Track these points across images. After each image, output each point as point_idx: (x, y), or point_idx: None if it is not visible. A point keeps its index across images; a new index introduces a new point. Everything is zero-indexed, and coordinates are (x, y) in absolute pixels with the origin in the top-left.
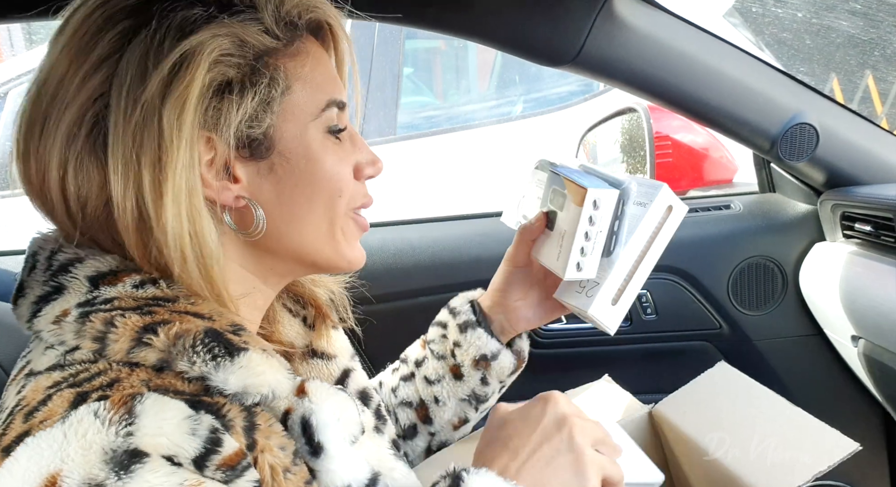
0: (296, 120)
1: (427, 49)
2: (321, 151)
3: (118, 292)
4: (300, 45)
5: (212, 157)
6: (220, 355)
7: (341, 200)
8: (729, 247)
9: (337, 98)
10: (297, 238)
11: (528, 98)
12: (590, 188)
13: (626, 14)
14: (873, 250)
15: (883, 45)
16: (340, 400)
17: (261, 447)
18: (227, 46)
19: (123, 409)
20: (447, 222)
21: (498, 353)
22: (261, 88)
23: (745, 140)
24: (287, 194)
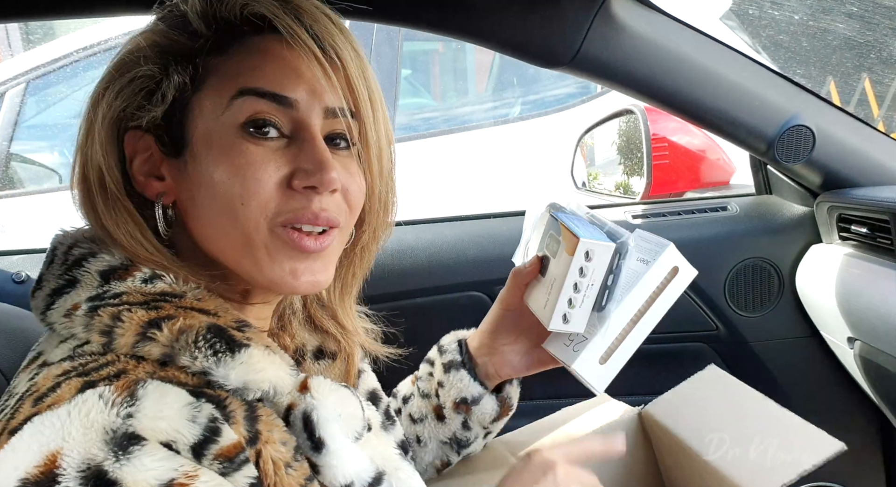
0: (207, 115)
1: (425, 51)
2: (226, 149)
3: (127, 287)
4: (241, 42)
5: (149, 154)
6: (221, 350)
7: (245, 208)
8: (726, 249)
9: (258, 87)
10: (217, 247)
11: (525, 100)
12: (582, 238)
13: (623, 16)
14: (869, 252)
15: (879, 48)
16: (343, 396)
17: (265, 439)
18: (134, 47)
19: (126, 392)
20: (445, 223)
21: (479, 398)
22: (169, 86)
23: (741, 142)
24: (199, 196)
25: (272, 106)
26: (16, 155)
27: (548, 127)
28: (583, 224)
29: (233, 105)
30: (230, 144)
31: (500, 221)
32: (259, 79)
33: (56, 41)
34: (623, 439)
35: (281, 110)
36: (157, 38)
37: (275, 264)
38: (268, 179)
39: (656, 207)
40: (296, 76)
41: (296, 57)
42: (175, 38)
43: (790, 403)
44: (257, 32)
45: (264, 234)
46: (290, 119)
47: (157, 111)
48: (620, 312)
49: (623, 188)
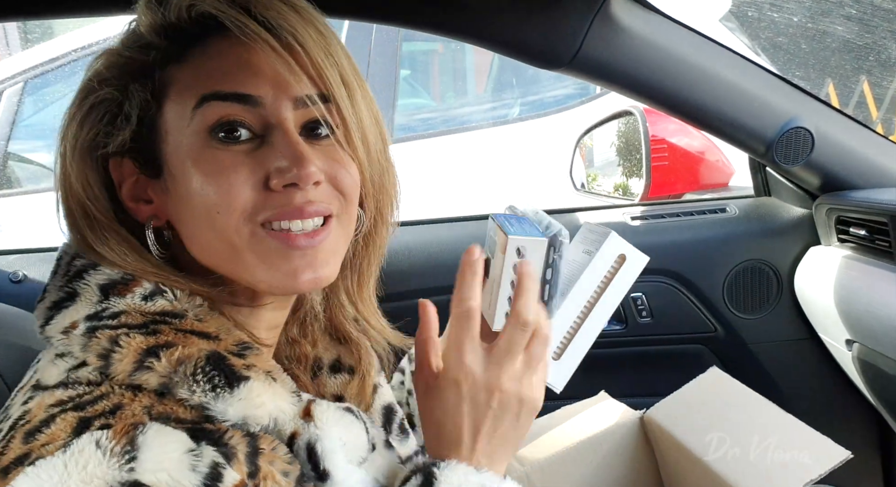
0: (175, 129)
1: (424, 51)
2: (196, 160)
3: (126, 305)
4: (196, 47)
5: (133, 179)
6: (219, 385)
7: (222, 216)
8: (724, 250)
9: (219, 90)
10: (210, 260)
11: (524, 101)
12: (511, 236)
13: (622, 17)
14: (868, 255)
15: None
16: (347, 423)
17: (263, 473)
18: (100, 71)
19: (125, 440)
20: (443, 224)
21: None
22: (132, 105)
23: (740, 144)
24: (183, 212)
25: (237, 107)
26: (13, 154)
27: (547, 128)
28: (518, 222)
29: (197, 114)
30: (200, 153)
31: None
32: (218, 82)
33: (54, 40)
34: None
35: (247, 110)
36: (113, 60)
37: (269, 267)
38: (242, 183)
39: (655, 208)
40: (255, 72)
41: (252, 52)
42: (130, 55)
43: (788, 404)
44: (209, 34)
45: (246, 238)
46: (258, 118)
47: (125, 134)
48: (567, 306)
49: (622, 190)
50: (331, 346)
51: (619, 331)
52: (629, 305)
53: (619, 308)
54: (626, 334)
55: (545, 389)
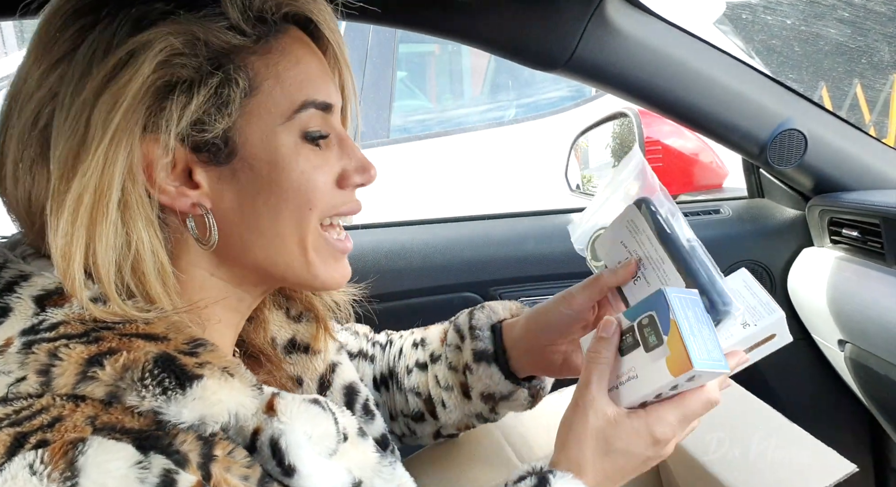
0: (262, 123)
1: (421, 53)
2: (291, 157)
3: (65, 315)
4: (276, 41)
5: (170, 160)
6: (170, 387)
7: (312, 213)
8: (718, 251)
9: (315, 99)
10: (264, 252)
11: (520, 103)
12: (696, 366)
13: (618, 19)
14: (860, 256)
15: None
16: (312, 415)
17: (216, 481)
18: (179, 45)
19: (64, 462)
20: (439, 225)
21: (510, 395)
22: (216, 89)
23: (734, 145)
24: (250, 203)
25: (321, 114)
26: None
27: (542, 130)
28: (697, 320)
29: (297, 116)
30: (294, 151)
31: (495, 222)
32: (317, 90)
33: None
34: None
35: (324, 116)
36: (206, 37)
37: (327, 268)
38: (329, 181)
39: None
40: (330, 79)
41: (322, 59)
42: (223, 37)
43: (781, 404)
44: (285, 27)
45: (314, 236)
46: (327, 122)
47: (225, 122)
48: None
49: None
50: (286, 324)
51: None
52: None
53: None
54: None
55: None
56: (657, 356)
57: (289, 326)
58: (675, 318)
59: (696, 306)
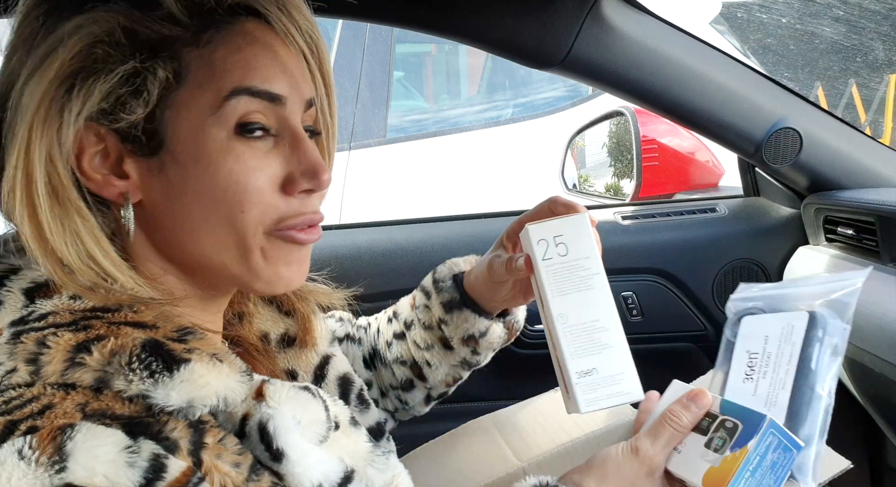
0: (191, 116)
1: (418, 53)
2: (219, 154)
3: (54, 306)
4: (220, 33)
5: (101, 148)
6: (157, 370)
7: (245, 216)
8: (714, 250)
9: (250, 85)
10: (198, 250)
11: (516, 103)
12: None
13: (614, 18)
14: (855, 254)
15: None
16: (301, 401)
17: (206, 467)
18: (100, 33)
19: (52, 447)
20: (435, 223)
21: (487, 330)
22: (130, 79)
23: (730, 144)
24: (178, 199)
25: (263, 104)
26: None
27: (538, 130)
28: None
29: (226, 106)
30: (223, 147)
31: (491, 221)
32: (253, 76)
33: None
34: None
35: (270, 108)
36: (129, 24)
37: (271, 268)
38: (265, 184)
39: (646, 208)
40: (283, 70)
41: (279, 48)
42: (153, 27)
43: None
44: (236, 19)
45: (261, 238)
46: (276, 116)
47: (141, 113)
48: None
49: (613, 190)
50: (278, 319)
51: None
52: (620, 304)
53: None
54: None
55: None
56: (707, 456)
57: (281, 321)
58: (750, 449)
59: (787, 456)
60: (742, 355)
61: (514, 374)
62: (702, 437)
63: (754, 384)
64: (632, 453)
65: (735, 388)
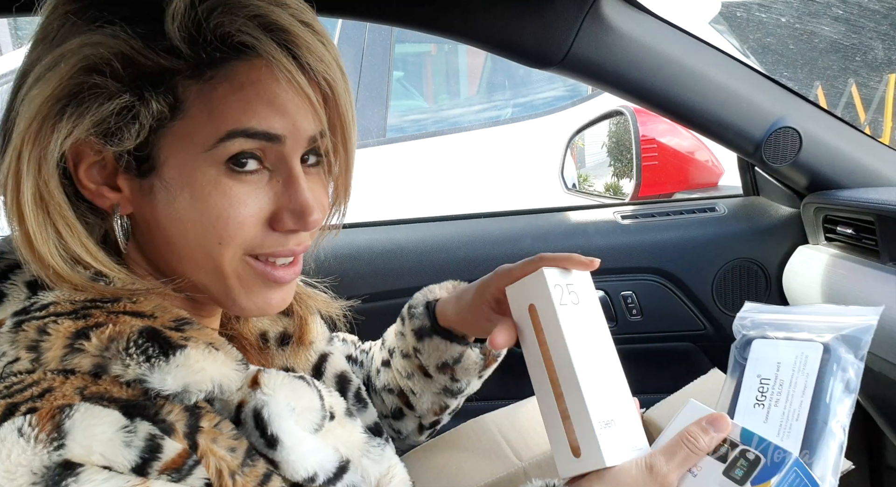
0: (185, 148)
1: (417, 53)
2: (208, 189)
3: (55, 297)
4: (223, 67)
5: (99, 159)
6: (154, 355)
7: (222, 247)
8: (714, 249)
9: (247, 128)
10: (182, 268)
11: (516, 102)
12: None
13: (613, 17)
14: (855, 253)
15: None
16: (296, 388)
17: (202, 451)
18: (100, 60)
19: (51, 425)
20: (435, 223)
21: (461, 357)
22: (126, 108)
23: (729, 144)
24: (164, 221)
25: (261, 143)
26: None
27: (538, 129)
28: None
29: (220, 146)
30: (212, 181)
31: (490, 221)
32: (250, 118)
33: None
34: None
35: (268, 145)
36: (132, 55)
37: (248, 295)
38: (249, 218)
39: (645, 207)
40: (284, 112)
41: (280, 87)
42: (153, 58)
43: None
44: (238, 56)
45: (236, 265)
46: (275, 153)
47: (131, 143)
48: None
49: (613, 190)
50: (276, 318)
51: (610, 329)
52: (619, 303)
53: (610, 307)
54: (616, 332)
55: None
56: (727, 486)
57: (280, 320)
58: (773, 484)
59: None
60: (753, 379)
61: (514, 374)
62: (720, 464)
63: (766, 410)
64: (646, 469)
65: (745, 412)
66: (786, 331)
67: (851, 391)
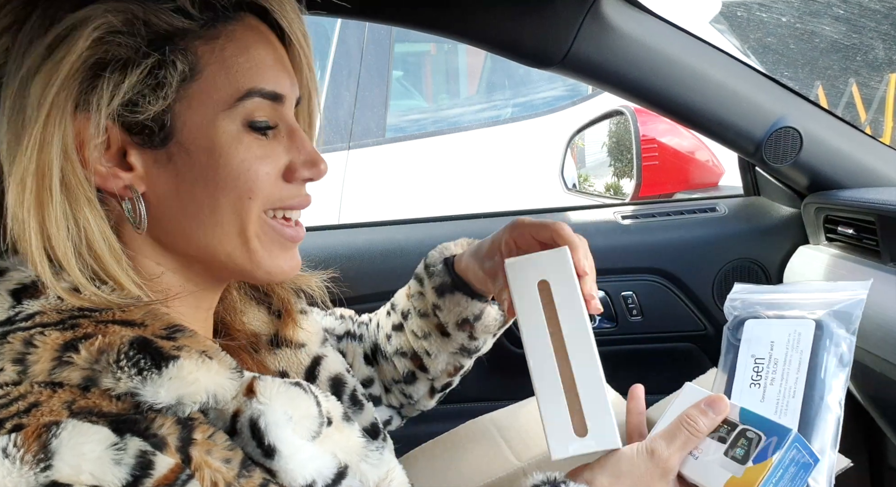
0: (203, 109)
1: (417, 53)
2: (231, 145)
3: (41, 306)
4: (225, 27)
5: (104, 140)
6: (146, 367)
7: (253, 202)
8: (714, 249)
9: (262, 88)
10: (204, 240)
11: (516, 102)
12: None
13: (613, 17)
14: (855, 253)
15: (865, 51)
16: (293, 396)
17: (196, 463)
18: (117, 23)
19: (37, 445)
20: (435, 223)
21: (481, 313)
22: (151, 70)
23: (729, 143)
24: (187, 189)
25: (270, 104)
26: None
27: (538, 129)
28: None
29: (239, 105)
30: (235, 139)
31: (490, 221)
32: (265, 78)
33: None
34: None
35: (273, 106)
36: (146, 17)
37: (272, 256)
38: (272, 171)
39: (646, 207)
40: (285, 71)
41: (277, 49)
42: (167, 19)
43: None
44: (237, 12)
45: (257, 225)
46: (276, 112)
47: (160, 104)
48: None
49: (613, 189)
50: (269, 321)
51: (610, 329)
52: (620, 303)
53: (610, 307)
54: (616, 332)
55: None
56: (728, 466)
57: (272, 322)
58: (775, 461)
59: (805, 468)
60: (747, 359)
61: (514, 374)
62: (720, 445)
63: (762, 389)
64: (647, 453)
65: (742, 392)
66: (777, 310)
67: (845, 366)
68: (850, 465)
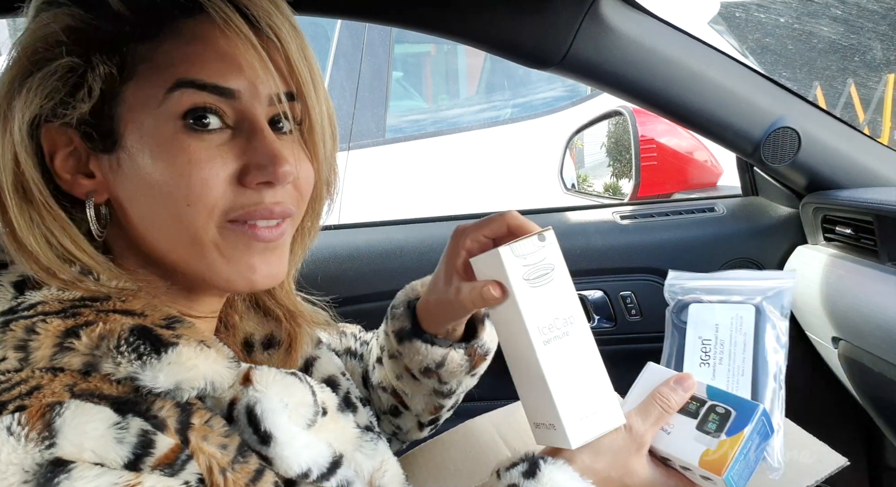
0: (140, 109)
1: (416, 54)
2: (166, 147)
3: (43, 296)
4: (175, 24)
5: (71, 149)
6: (145, 352)
7: (192, 209)
8: (712, 249)
9: (192, 78)
10: (163, 247)
11: (515, 103)
12: (724, 477)
13: (612, 17)
14: (853, 253)
15: (863, 52)
16: (289, 384)
17: (192, 447)
18: (44, 34)
19: (41, 423)
20: (435, 223)
21: (443, 360)
22: (76, 74)
23: (728, 144)
24: (137, 195)
25: (214, 98)
26: None
27: (537, 130)
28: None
29: (169, 98)
30: (169, 139)
31: None
32: (198, 70)
33: None
34: None
35: (223, 101)
36: (73, 23)
37: (230, 264)
38: (214, 177)
39: (644, 207)
40: (236, 66)
41: (230, 43)
42: (95, 24)
43: None
44: (187, 15)
45: (213, 233)
46: (233, 110)
47: (84, 107)
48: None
49: (612, 190)
50: (264, 322)
51: (609, 329)
52: (618, 303)
53: (609, 307)
54: (615, 331)
55: None
56: (702, 439)
57: (266, 323)
58: (746, 434)
59: (766, 438)
60: (695, 340)
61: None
62: (692, 420)
63: (712, 369)
64: (625, 430)
65: (693, 370)
66: (718, 294)
67: (782, 347)
68: (846, 463)
